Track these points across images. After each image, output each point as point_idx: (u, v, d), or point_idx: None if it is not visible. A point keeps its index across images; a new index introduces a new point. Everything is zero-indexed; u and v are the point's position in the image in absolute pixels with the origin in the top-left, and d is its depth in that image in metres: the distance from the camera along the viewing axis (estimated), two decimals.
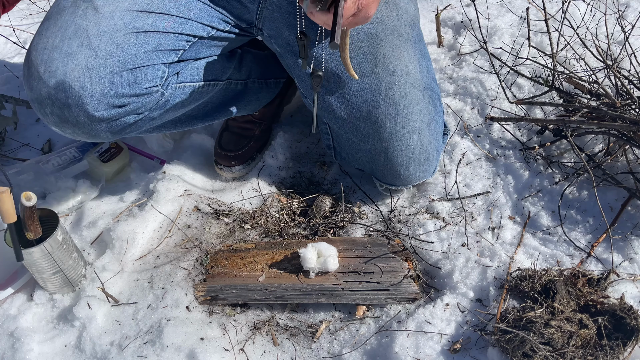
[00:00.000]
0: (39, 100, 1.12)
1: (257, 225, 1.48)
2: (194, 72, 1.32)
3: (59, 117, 1.13)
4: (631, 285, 1.26)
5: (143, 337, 1.26)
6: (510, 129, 1.63)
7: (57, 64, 1.09)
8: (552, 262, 1.32)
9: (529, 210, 1.44)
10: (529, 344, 1.12)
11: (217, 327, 1.28)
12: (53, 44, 1.11)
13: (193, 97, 1.34)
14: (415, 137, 1.38)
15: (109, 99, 1.13)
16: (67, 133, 1.18)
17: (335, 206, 1.50)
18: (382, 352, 1.22)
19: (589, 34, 1.70)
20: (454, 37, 1.99)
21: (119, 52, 1.13)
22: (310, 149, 1.70)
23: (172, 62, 1.22)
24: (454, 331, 1.22)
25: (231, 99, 1.51)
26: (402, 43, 1.36)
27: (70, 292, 1.35)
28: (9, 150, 1.76)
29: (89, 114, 1.12)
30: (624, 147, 1.46)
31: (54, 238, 1.24)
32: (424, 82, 1.40)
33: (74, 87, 1.09)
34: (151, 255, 1.42)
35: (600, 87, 1.47)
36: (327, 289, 1.30)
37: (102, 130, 1.17)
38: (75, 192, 1.57)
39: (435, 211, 1.46)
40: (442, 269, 1.34)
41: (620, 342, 1.12)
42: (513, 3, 2.06)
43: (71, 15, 1.14)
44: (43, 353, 1.25)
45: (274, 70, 1.61)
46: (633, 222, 1.37)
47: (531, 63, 1.66)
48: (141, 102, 1.18)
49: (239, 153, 1.62)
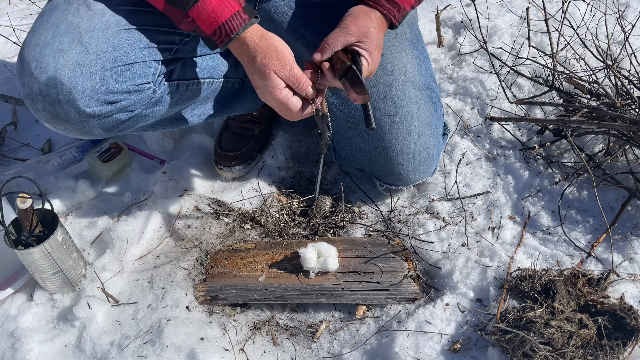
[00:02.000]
0: (30, 96, 1.12)
1: (257, 225, 1.48)
2: (187, 69, 1.31)
3: (50, 113, 1.13)
4: (631, 285, 1.26)
5: (143, 337, 1.26)
6: (510, 129, 1.63)
7: (49, 60, 1.09)
8: (552, 262, 1.32)
9: (529, 210, 1.44)
10: (529, 344, 1.12)
11: (217, 327, 1.28)
12: (45, 40, 1.11)
13: (187, 95, 1.33)
14: (415, 136, 1.38)
15: (100, 95, 1.12)
16: (60, 129, 1.17)
17: (335, 206, 1.50)
18: (382, 352, 1.22)
19: (589, 34, 1.70)
20: (454, 37, 1.99)
21: (111, 48, 1.13)
22: (310, 149, 1.70)
23: (164, 59, 1.22)
24: (454, 331, 1.22)
25: (228, 97, 1.50)
26: (400, 43, 1.35)
27: (70, 292, 1.35)
28: (9, 150, 1.76)
29: (80, 110, 1.12)
30: (624, 147, 1.46)
31: (54, 238, 1.24)
32: (423, 81, 1.40)
33: (64, 83, 1.09)
34: (151, 255, 1.42)
35: (600, 87, 1.47)
36: (327, 289, 1.30)
37: (93, 126, 1.17)
38: (75, 192, 1.57)
39: (435, 211, 1.46)
40: (442, 269, 1.34)
41: (620, 342, 1.12)
42: (513, 3, 2.06)
43: (63, 12, 1.14)
44: (43, 353, 1.25)
45: None
46: (633, 222, 1.37)
47: (531, 63, 1.66)
48: (133, 99, 1.18)
49: (239, 153, 1.61)
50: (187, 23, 1.11)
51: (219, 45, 1.12)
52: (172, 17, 1.13)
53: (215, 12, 1.08)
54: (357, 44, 1.15)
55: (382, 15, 1.19)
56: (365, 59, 1.16)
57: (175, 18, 1.12)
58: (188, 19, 1.10)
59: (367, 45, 1.15)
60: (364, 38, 1.15)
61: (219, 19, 1.09)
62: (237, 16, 1.09)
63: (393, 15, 1.20)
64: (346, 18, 1.18)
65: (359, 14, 1.18)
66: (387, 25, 1.22)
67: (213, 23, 1.09)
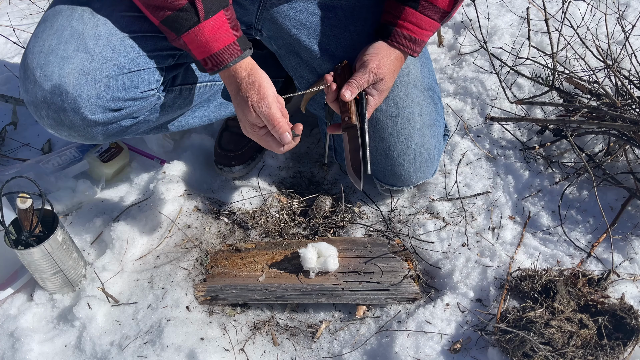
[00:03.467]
0: (34, 104, 1.12)
1: (257, 225, 1.48)
2: (190, 74, 1.31)
3: (55, 120, 1.13)
4: (631, 285, 1.26)
5: (143, 337, 1.25)
6: (511, 128, 1.63)
7: (53, 68, 1.09)
8: (552, 262, 1.32)
9: (529, 210, 1.44)
10: (529, 344, 1.12)
11: (217, 327, 1.28)
12: (49, 47, 1.10)
13: (190, 99, 1.34)
14: (417, 137, 1.38)
15: (104, 103, 1.12)
16: (63, 135, 1.18)
17: (335, 206, 1.50)
18: (382, 352, 1.22)
19: (589, 34, 1.70)
20: (454, 37, 1.99)
21: (115, 55, 1.13)
22: (310, 149, 1.70)
23: (168, 65, 1.22)
24: (454, 331, 1.22)
25: (229, 98, 1.50)
26: None
27: (70, 292, 1.35)
28: (9, 150, 1.76)
29: (85, 118, 1.12)
30: (624, 147, 1.45)
31: (54, 238, 1.24)
32: (425, 82, 1.40)
33: (69, 90, 1.09)
34: (151, 255, 1.42)
35: (600, 87, 1.47)
36: (327, 289, 1.30)
37: (97, 133, 1.17)
38: (75, 192, 1.57)
39: (436, 211, 1.46)
40: (442, 269, 1.34)
41: (620, 342, 1.12)
42: (513, 3, 2.07)
43: (67, 18, 1.14)
44: (43, 353, 1.25)
45: (272, 70, 1.60)
46: (633, 222, 1.37)
47: (531, 63, 1.66)
48: (137, 106, 1.18)
49: (239, 153, 1.61)
50: (180, 44, 1.12)
51: (208, 72, 1.14)
52: (165, 34, 1.14)
53: (208, 42, 1.09)
54: (372, 85, 1.22)
55: (403, 53, 1.24)
56: (374, 98, 1.23)
57: (168, 36, 1.13)
58: (180, 41, 1.11)
59: (381, 86, 1.22)
60: (381, 82, 1.22)
61: (210, 49, 1.10)
62: (230, 49, 1.11)
63: (414, 50, 1.25)
64: (370, 58, 1.21)
65: (381, 54, 1.22)
66: (405, 58, 1.27)
67: (205, 51, 1.10)
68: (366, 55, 1.22)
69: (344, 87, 1.19)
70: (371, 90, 1.22)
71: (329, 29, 1.31)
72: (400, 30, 1.21)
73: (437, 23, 1.23)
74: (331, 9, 1.31)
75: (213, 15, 1.08)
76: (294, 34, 1.31)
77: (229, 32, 1.10)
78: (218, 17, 1.09)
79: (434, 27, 1.23)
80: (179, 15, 1.07)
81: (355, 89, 1.19)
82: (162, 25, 1.10)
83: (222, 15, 1.10)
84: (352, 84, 1.19)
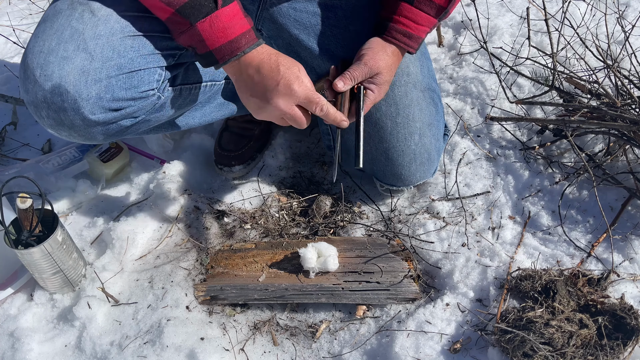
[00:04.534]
0: (34, 104, 1.12)
1: (257, 225, 1.48)
2: (190, 74, 1.31)
3: (55, 120, 1.13)
4: (631, 285, 1.26)
5: (143, 337, 1.26)
6: (511, 128, 1.63)
7: (53, 68, 1.09)
8: (552, 262, 1.32)
9: (529, 210, 1.44)
10: (529, 344, 1.12)
11: (217, 327, 1.28)
12: (49, 47, 1.10)
13: (190, 98, 1.34)
14: (417, 137, 1.38)
15: (105, 103, 1.12)
16: (63, 135, 1.18)
17: (335, 206, 1.50)
18: (382, 352, 1.22)
19: (589, 34, 1.70)
20: (454, 37, 1.99)
21: (115, 55, 1.12)
22: (310, 149, 1.70)
23: (169, 65, 1.22)
24: (454, 331, 1.22)
25: (230, 98, 1.51)
26: None
27: (70, 292, 1.35)
28: (9, 150, 1.76)
29: (85, 118, 1.12)
30: (624, 147, 1.46)
31: (54, 238, 1.24)
32: (425, 82, 1.40)
33: (69, 91, 1.09)
34: (151, 255, 1.42)
35: (600, 87, 1.47)
36: (327, 289, 1.30)
37: (98, 133, 1.17)
38: (75, 192, 1.57)
39: (436, 211, 1.46)
40: (442, 269, 1.34)
41: (621, 342, 1.12)
42: (513, 3, 2.07)
43: (67, 18, 1.14)
44: (43, 353, 1.25)
45: None
46: (633, 222, 1.37)
47: (531, 63, 1.66)
48: (137, 106, 1.18)
49: (239, 153, 1.61)
50: (189, 35, 1.10)
51: (220, 61, 1.11)
52: (174, 27, 1.12)
53: (225, 28, 1.09)
54: (369, 79, 1.21)
55: (399, 49, 1.23)
56: (372, 92, 1.21)
57: (177, 28, 1.11)
58: (193, 30, 1.09)
59: (378, 80, 1.21)
60: (377, 75, 1.20)
61: (228, 35, 1.09)
62: (246, 35, 1.10)
63: (410, 46, 1.24)
64: (366, 52, 1.21)
65: (377, 48, 1.21)
66: (403, 55, 1.26)
67: (221, 38, 1.09)
68: (362, 50, 1.22)
69: (337, 78, 1.19)
70: (369, 85, 1.22)
71: (329, 29, 1.31)
72: (396, 25, 1.21)
73: (433, 19, 1.22)
74: (331, 9, 1.31)
75: (229, 4, 1.09)
76: (293, 33, 1.31)
77: (244, 20, 1.11)
78: (233, 5, 1.10)
79: (430, 23, 1.23)
80: (197, 1, 1.07)
81: (348, 80, 1.19)
82: (175, 16, 1.09)
83: (236, 4, 1.10)
84: (345, 75, 1.19)
